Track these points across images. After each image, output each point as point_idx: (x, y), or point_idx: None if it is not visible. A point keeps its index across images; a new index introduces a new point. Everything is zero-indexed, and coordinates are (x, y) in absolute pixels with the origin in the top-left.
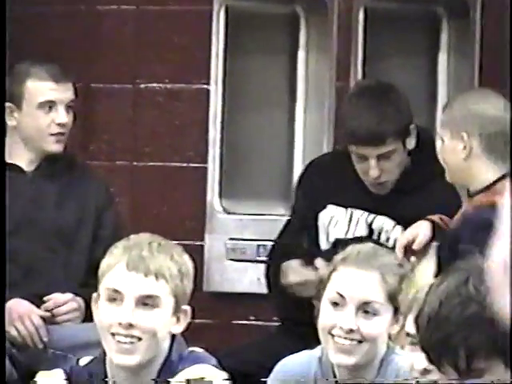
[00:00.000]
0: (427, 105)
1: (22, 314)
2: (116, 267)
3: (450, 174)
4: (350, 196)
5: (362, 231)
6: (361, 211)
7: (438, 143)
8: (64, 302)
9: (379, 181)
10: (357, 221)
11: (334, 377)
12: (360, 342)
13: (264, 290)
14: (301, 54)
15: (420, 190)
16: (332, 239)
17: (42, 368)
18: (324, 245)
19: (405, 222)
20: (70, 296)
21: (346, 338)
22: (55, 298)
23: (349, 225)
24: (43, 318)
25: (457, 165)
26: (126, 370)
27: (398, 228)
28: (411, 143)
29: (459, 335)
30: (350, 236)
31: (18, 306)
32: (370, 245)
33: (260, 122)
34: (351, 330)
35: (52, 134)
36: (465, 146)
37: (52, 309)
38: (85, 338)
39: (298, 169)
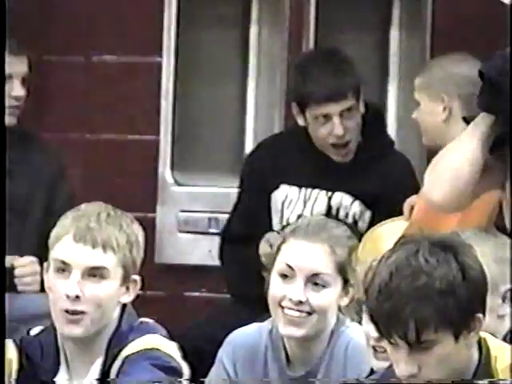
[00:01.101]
0: (379, 79)
1: None
2: (64, 238)
3: (427, 137)
4: (305, 174)
5: (321, 208)
6: (317, 189)
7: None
8: (27, 263)
9: (344, 140)
10: (314, 199)
11: (284, 349)
12: (309, 313)
13: (215, 262)
14: (253, 28)
15: (374, 163)
16: (285, 220)
17: None
18: (277, 226)
19: (363, 196)
20: (33, 258)
21: (295, 310)
22: (19, 259)
23: (304, 204)
24: None
25: (436, 127)
26: (75, 340)
27: (357, 203)
28: (362, 107)
29: (409, 307)
30: (307, 214)
31: None
32: (320, 217)
33: (212, 95)
34: (300, 302)
35: (7, 107)
36: (445, 107)
37: (13, 269)
38: (36, 308)
39: (249, 142)
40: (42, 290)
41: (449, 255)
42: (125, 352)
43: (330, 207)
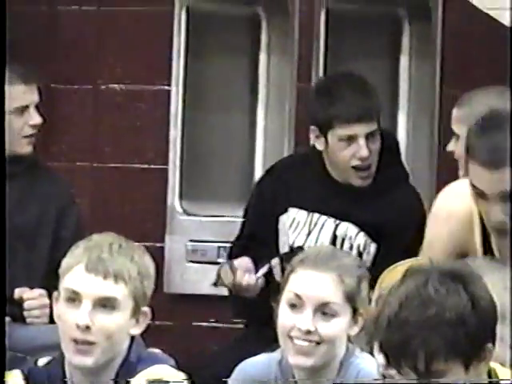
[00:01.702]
0: (389, 107)
1: None
2: (75, 268)
3: (463, 168)
4: (314, 199)
5: (327, 237)
6: (325, 216)
7: (452, 140)
8: (36, 296)
9: (367, 163)
10: (321, 226)
11: (294, 379)
12: (318, 343)
13: (224, 292)
14: (262, 56)
15: (385, 194)
16: (291, 242)
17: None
18: (284, 248)
19: (368, 228)
20: (43, 291)
21: (304, 340)
22: (29, 292)
23: (311, 229)
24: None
25: None
26: (83, 370)
27: (362, 235)
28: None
29: (419, 337)
30: (312, 240)
31: None
32: (329, 246)
33: (221, 123)
34: (309, 332)
35: (25, 137)
36: None
37: (21, 303)
38: (44, 339)
39: (258, 170)
40: (51, 321)
41: (458, 285)
42: (133, 383)
43: (335, 236)
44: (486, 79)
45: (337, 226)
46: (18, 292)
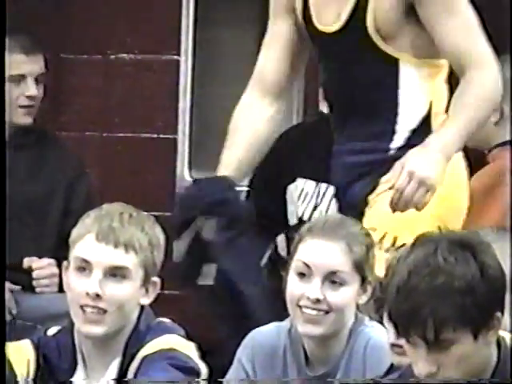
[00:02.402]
0: None
1: None
2: (86, 237)
3: (473, 138)
4: (323, 169)
5: (332, 206)
6: (332, 187)
7: None
8: (45, 265)
9: None
10: (330, 198)
11: (303, 348)
12: (327, 312)
13: None
14: None
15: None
16: (300, 213)
17: (11, 339)
18: (293, 219)
19: None
20: (52, 261)
21: (313, 309)
22: (37, 261)
23: (317, 200)
24: (11, 291)
25: (487, 129)
26: (93, 340)
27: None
28: None
29: (428, 306)
30: (322, 212)
31: None
32: (337, 215)
33: (230, 93)
34: (318, 300)
35: (21, 107)
36: (496, 111)
37: (30, 272)
38: (55, 308)
39: None
40: (60, 290)
41: (467, 254)
42: (142, 352)
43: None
44: None
45: None
46: (26, 261)
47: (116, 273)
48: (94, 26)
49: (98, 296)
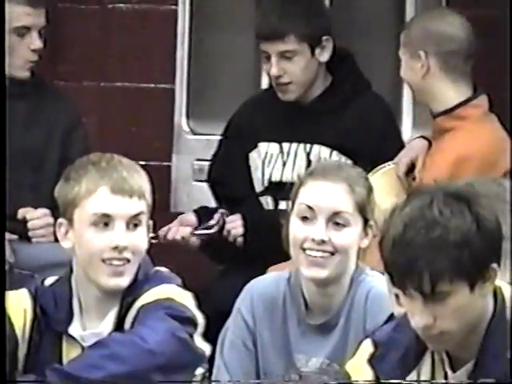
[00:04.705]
0: (395, 26)
1: None
2: (98, 191)
3: (414, 94)
4: (281, 130)
5: (301, 163)
6: (295, 144)
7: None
8: (40, 215)
9: (281, 81)
10: (294, 154)
11: (303, 297)
12: (332, 253)
13: None
14: None
15: (346, 106)
16: (267, 178)
17: (8, 288)
18: (259, 186)
19: (340, 146)
20: (46, 211)
21: (318, 250)
22: (32, 212)
23: (283, 159)
24: (8, 240)
25: (417, 84)
26: (100, 289)
27: (335, 154)
28: (324, 55)
29: (424, 258)
30: (287, 171)
31: None
32: (334, 160)
33: (227, 43)
34: (323, 241)
35: (25, 61)
36: (422, 64)
37: (26, 222)
38: (51, 257)
39: None
40: (56, 240)
41: (463, 206)
42: (140, 301)
43: (309, 162)
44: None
45: (309, 151)
46: (21, 212)
47: (134, 222)
48: None
49: (125, 248)
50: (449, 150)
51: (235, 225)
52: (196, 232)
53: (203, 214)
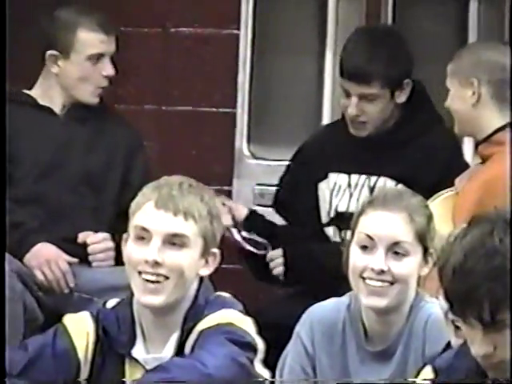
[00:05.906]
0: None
1: (49, 258)
2: (145, 206)
3: (458, 124)
4: (350, 162)
5: (366, 194)
6: (363, 176)
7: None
8: (100, 239)
9: (358, 119)
10: (361, 186)
11: (363, 324)
12: (391, 283)
13: None
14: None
15: (414, 141)
16: (334, 209)
17: (69, 311)
18: (325, 216)
19: (406, 179)
20: (106, 235)
21: (377, 280)
22: (92, 236)
23: (350, 190)
24: (69, 263)
25: (465, 113)
26: (152, 311)
27: (400, 187)
28: (401, 97)
29: (484, 287)
30: (353, 202)
31: (45, 251)
32: (394, 187)
33: (289, 67)
34: (382, 271)
35: (99, 88)
36: (474, 91)
37: (86, 246)
38: (111, 281)
39: (326, 114)
40: (117, 263)
41: None
42: (200, 326)
43: None
44: None
45: (375, 182)
46: (81, 236)
47: (175, 241)
48: None
49: (156, 263)
50: (480, 174)
51: (275, 264)
52: (243, 235)
53: (254, 219)
